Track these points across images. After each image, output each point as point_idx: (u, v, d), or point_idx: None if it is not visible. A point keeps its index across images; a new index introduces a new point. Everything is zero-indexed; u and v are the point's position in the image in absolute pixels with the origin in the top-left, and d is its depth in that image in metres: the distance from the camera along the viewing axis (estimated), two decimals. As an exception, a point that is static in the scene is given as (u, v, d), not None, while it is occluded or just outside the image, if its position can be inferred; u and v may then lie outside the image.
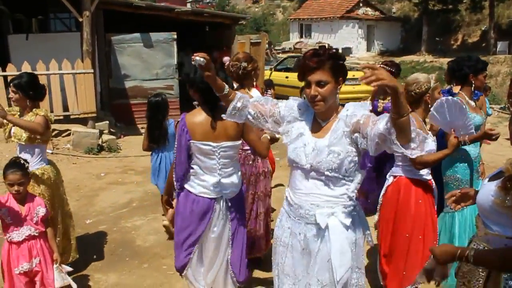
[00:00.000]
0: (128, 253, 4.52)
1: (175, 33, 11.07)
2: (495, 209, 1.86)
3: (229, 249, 3.07)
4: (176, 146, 2.94)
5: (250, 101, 2.41)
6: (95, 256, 4.43)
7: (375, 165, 4.83)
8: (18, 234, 3.07)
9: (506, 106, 14.85)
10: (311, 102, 2.22)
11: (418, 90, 3.14)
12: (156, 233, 4.96)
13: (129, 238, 4.86)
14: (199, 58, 2.28)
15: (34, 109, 3.56)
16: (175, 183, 3.00)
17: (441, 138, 3.57)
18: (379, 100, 5.21)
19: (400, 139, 1.95)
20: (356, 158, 2.23)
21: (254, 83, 4.24)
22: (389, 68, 4.89)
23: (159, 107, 4.69)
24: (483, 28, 27.79)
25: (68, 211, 4.01)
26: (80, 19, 8.35)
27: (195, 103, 2.98)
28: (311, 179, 2.27)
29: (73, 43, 9.46)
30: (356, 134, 2.17)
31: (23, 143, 3.53)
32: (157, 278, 4.03)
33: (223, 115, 2.42)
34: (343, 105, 2.32)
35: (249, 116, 2.40)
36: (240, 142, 2.96)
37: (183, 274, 3.21)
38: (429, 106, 3.27)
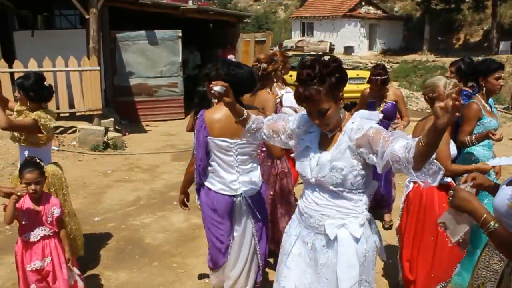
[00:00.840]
0: (137, 251, 4.53)
1: (180, 30, 11.09)
2: (510, 213, 1.85)
3: (256, 245, 3.09)
4: (194, 142, 2.97)
5: (264, 121, 2.44)
6: (104, 254, 4.45)
7: None
8: (33, 234, 3.08)
9: (510, 106, 14.89)
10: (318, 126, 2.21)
11: (431, 95, 3.10)
12: (164, 231, 4.98)
13: (138, 236, 4.87)
14: (218, 87, 2.29)
15: (34, 111, 3.53)
16: (195, 180, 3.05)
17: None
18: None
19: (416, 165, 1.85)
20: (364, 172, 2.16)
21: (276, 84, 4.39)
22: (386, 77, 4.88)
23: (206, 95, 5.01)
24: (485, 28, 27.77)
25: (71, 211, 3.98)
26: (87, 16, 8.35)
27: (214, 101, 3.02)
28: (320, 192, 2.25)
29: (78, 40, 9.45)
30: (361, 149, 2.09)
31: (20, 144, 3.54)
32: (168, 276, 4.04)
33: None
34: (351, 107, 2.29)
35: (264, 137, 2.44)
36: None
37: (213, 271, 3.26)
38: None
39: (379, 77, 4.83)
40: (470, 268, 3.09)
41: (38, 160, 3.13)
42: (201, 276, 4.02)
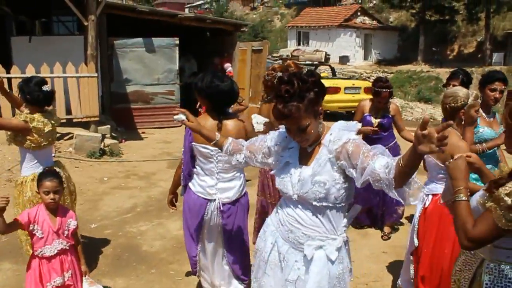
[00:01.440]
0: (134, 258, 4.52)
1: (177, 38, 11.14)
2: (479, 208, 1.94)
3: (225, 253, 3.20)
4: (183, 147, 3.14)
5: (244, 144, 2.47)
6: (101, 261, 4.44)
7: None
8: (50, 249, 2.94)
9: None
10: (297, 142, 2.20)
11: (453, 105, 3.11)
12: (162, 239, 4.98)
13: (135, 243, 4.87)
14: (177, 115, 2.45)
15: (34, 113, 3.56)
16: (181, 181, 3.22)
17: None
18: (371, 116, 5.04)
19: (397, 184, 1.85)
20: (346, 184, 2.12)
21: None
22: (392, 90, 4.90)
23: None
24: (479, 39, 28.07)
25: None
26: (85, 23, 8.37)
27: (200, 109, 3.11)
28: (303, 209, 2.21)
29: (76, 46, 9.47)
30: (342, 162, 2.06)
31: (15, 144, 3.58)
32: (165, 284, 4.04)
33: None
34: (348, 117, 2.31)
35: (239, 159, 2.46)
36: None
37: (197, 275, 3.38)
38: (462, 122, 3.24)
39: (387, 90, 4.80)
40: None
41: (57, 170, 3.14)
42: (199, 284, 4.02)
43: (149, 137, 10.23)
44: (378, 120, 4.96)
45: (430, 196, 3.24)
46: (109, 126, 9.05)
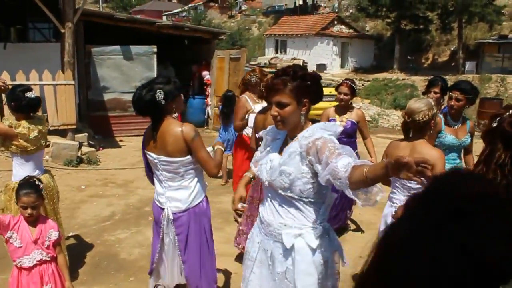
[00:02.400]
0: (113, 266, 4.51)
1: (155, 46, 11.12)
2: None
3: (182, 265, 3.15)
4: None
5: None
6: (79, 269, 4.40)
7: None
8: (28, 259, 2.88)
9: (476, 124, 15.40)
10: (273, 121, 2.29)
11: (424, 119, 3.10)
12: (140, 246, 4.96)
13: (113, 251, 4.85)
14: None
15: (20, 120, 3.60)
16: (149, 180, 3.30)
17: None
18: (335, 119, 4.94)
19: (352, 186, 1.88)
20: (314, 180, 2.17)
21: None
22: (354, 86, 4.91)
23: (232, 99, 7.38)
24: (452, 48, 28.73)
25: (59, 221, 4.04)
26: (62, 30, 8.32)
27: (175, 115, 3.10)
28: (275, 199, 2.30)
29: (52, 53, 9.39)
30: (310, 157, 2.12)
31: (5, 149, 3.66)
32: (144, 291, 4.04)
33: None
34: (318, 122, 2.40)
35: None
36: (187, 158, 2.93)
37: (150, 278, 3.39)
38: (431, 131, 3.28)
39: (347, 82, 4.89)
40: None
41: (36, 182, 3.03)
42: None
43: (126, 145, 10.17)
44: (343, 122, 4.89)
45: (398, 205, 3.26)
46: (86, 134, 8.98)
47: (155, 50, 11.10)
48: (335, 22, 31.75)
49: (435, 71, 24.88)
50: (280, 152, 2.33)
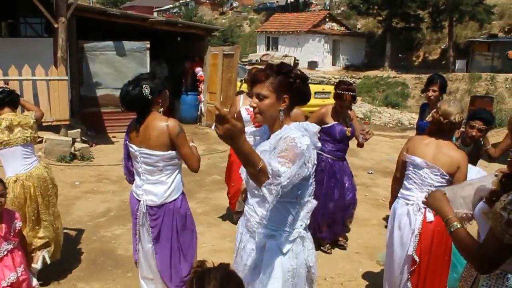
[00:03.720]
0: (110, 262, 4.50)
1: (148, 42, 11.08)
2: (483, 219, 2.00)
3: (154, 256, 3.19)
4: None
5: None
6: (76, 266, 4.39)
7: None
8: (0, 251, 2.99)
9: (465, 121, 15.51)
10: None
11: (459, 120, 3.12)
12: (137, 243, 4.95)
13: (109, 247, 4.84)
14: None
15: None
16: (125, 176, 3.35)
17: None
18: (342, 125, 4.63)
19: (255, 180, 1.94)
20: None
21: None
22: (354, 93, 4.49)
23: None
24: (443, 47, 28.92)
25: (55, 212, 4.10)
26: (56, 25, 8.24)
27: (161, 110, 3.11)
28: (255, 197, 2.31)
29: (44, 49, 9.31)
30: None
31: None
32: (142, 287, 4.04)
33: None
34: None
35: None
36: (169, 154, 2.97)
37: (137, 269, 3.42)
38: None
39: (350, 93, 4.41)
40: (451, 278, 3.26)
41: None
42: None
43: (120, 141, 10.10)
44: (350, 129, 4.64)
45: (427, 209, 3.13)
46: (79, 130, 8.93)
47: (148, 46, 11.05)
48: (327, 20, 31.82)
49: (426, 69, 25.11)
50: None
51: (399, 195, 3.38)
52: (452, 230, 1.96)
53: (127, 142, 3.12)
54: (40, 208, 3.85)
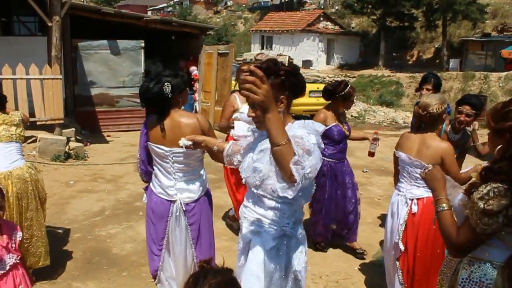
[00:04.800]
0: (105, 262, 4.48)
1: (142, 41, 11.07)
2: (461, 209, 2.01)
3: (194, 253, 3.15)
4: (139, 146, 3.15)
5: (242, 145, 2.43)
6: (71, 265, 4.37)
7: None
8: (2, 266, 2.79)
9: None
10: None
11: (438, 111, 3.20)
12: (132, 241, 4.94)
13: (105, 247, 4.82)
14: (185, 141, 2.52)
15: None
16: (142, 176, 3.26)
17: None
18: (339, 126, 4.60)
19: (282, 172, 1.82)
20: None
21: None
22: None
23: None
24: (436, 46, 29.04)
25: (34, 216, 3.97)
26: (50, 24, 8.20)
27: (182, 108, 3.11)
28: (250, 194, 2.29)
29: (38, 47, 9.27)
30: None
31: None
32: (138, 286, 4.03)
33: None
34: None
35: (237, 160, 2.46)
36: (200, 150, 2.92)
37: (156, 280, 3.28)
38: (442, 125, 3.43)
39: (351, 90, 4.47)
40: None
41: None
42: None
43: (114, 140, 10.10)
44: (346, 127, 4.68)
45: (415, 201, 3.30)
46: (73, 129, 8.89)
47: (143, 45, 11.04)
48: (321, 19, 31.85)
49: (420, 68, 25.21)
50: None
51: (395, 186, 3.55)
52: (439, 210, 2.03)
53: (148, 143, 3.02)
54: (21, 210, 3.74)
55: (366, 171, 8.17)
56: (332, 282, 4.20)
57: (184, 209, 3.03)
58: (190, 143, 2.58)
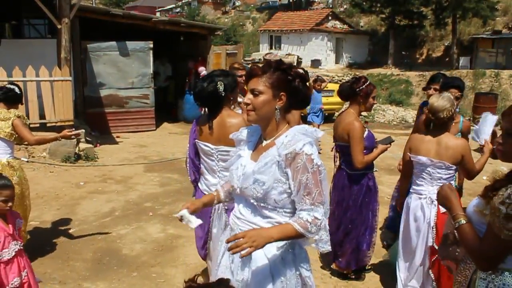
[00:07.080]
0: (115, 262, 4.50)
1: (151, 42, 11.10)
2: (477, 216, 1.97)
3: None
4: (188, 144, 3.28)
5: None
6: (81, 265, 4.40)
7: None
8: (8, 252, 2.95)
9: (470, 118, 15.48)
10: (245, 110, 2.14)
11: (448, 115, 3.22)
12: (142, 242, 4.96)
13: (115, 247, 4.85)
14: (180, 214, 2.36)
15: None
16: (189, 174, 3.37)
17: None
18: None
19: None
20: (290, 191, 2.03)
21: None
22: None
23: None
24: (446, 44, 28.80)
25: None
26: (59, 26, 8.25)
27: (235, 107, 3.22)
28: (245, 206, 2.16)
29: (48, 49, 9.32)
30: (288, 169, 2.00)
31: None
32: (148, 286, 4.05)
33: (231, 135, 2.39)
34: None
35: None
36: None
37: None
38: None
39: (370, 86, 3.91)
40: None
41: (5, 175, 3.20)
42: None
43: (124, 141, 10.15)
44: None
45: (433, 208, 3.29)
46: (83, 130, 8.93)
47: (151, 46, 11.06)
48: (330, 18, 31.70)
49: (429, 67, 25.04)
50: (253, 157, 2.16)
51: (411, 190, 3.49)
52: (457, 226, 1.97)
53: (196, 140, 3.14)
54: None
55: (376, 170, 8.11)
56: (342, 282, 4.19)
57: (227, 207, 3.04)
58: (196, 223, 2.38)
